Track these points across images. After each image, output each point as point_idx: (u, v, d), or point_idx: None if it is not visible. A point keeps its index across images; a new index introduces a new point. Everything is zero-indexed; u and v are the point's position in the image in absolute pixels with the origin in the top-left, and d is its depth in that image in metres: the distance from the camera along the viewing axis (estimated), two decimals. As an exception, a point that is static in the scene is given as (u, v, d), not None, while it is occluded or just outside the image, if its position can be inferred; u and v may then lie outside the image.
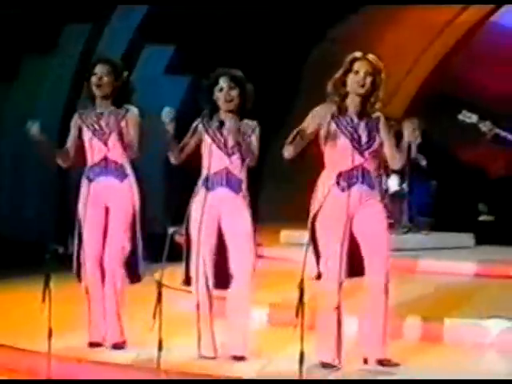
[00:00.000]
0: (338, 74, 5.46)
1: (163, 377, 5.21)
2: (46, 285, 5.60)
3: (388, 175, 9.69)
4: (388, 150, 5.51)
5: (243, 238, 5.64)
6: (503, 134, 8.83)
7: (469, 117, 8.66)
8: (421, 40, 12.92)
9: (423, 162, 10.16)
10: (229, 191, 5.73)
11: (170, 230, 12.16)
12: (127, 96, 6.12)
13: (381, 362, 5.41)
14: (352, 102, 5.46)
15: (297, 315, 4.86)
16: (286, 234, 9.79)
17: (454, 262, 8.85)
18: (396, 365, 5.42)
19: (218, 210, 5.69)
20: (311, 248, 5.50)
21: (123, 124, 6.07)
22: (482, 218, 11.08)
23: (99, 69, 6.05)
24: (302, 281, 4.92)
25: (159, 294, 5.31)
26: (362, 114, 5.48)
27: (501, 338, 6.27)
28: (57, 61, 12.51)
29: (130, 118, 6.06)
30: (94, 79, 6.04)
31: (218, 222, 5.69)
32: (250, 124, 5.77)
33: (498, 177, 10.96)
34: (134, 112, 6.08)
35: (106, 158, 6.07)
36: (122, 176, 6.07)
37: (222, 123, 5.71)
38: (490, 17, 13.05)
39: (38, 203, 12.37)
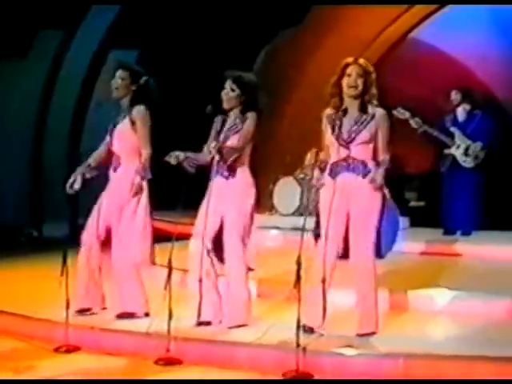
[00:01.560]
0: (333, 79, 5.57)
1: (172, 342, 5.31)
2: (64, 260, 5.71)
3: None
4: (379, 143, 5.57)
5: None
6: (430, 130, 9.25)
7: (402, 113, 9.06)
8: (353, 52, 13.03)
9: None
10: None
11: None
12: (143, 98, 6.12)
13: (372, 333, 5.52)
14: (350, 103, 5.55)
15: (295, 287, 5.15)
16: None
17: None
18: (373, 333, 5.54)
19: None
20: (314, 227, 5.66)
21: (126, 121, 6.11)
22: (412, 204, 11.43)
23: (118, 73, 6.13)
24: (299, 257, 5.19)
25: (170, 269, 5.51)
26: (359, 111, 5.55)
27: (447, 305, 6.49)
28: (30, 64, 12.50)
29: (134, 116, 6.10)
30: (112, 82, 6.14)
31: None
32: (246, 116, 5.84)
33: (426, 169, 11.25)
34: (137, 110, 6.10)
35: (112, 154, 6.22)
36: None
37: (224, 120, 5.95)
38: (411, 32, 13.32)
39: (13, 190, 12.36)
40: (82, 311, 6.06)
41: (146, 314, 6.04)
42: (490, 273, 7.60)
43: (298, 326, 5.05)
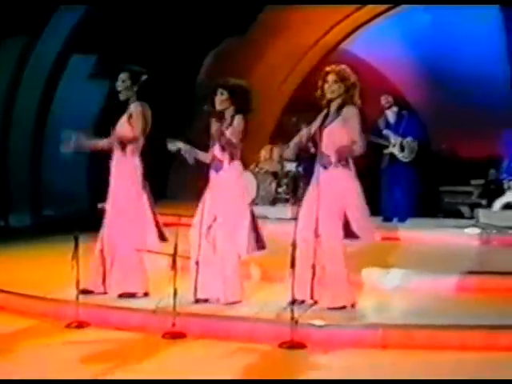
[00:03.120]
0: (319, 86, 5.76)
1: (177, 318, 5.35)
2: (76, 245, 5.71)
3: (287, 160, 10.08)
4: (351, 137, 5.71)
5: None
6: (371, 138, 9.43)
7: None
8: (293, 59, 13.23)
9: (312, 150, 10.44)
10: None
11: (99, 205, 12.17)
12: (145, 94, 6.14)
13: (343, 307, 5.70)
14: (332, 105, 5.74)
15: (291, 266, 5.29)
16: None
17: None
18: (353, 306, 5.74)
19: None
20: None
21: (125, 116, 6.11)
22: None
23: (119, 76, 6.12)
24: (294, 240, 5.34)
25: (175, 253, 5.57)
26: (336, 112, 5.73)
27: (399, 283, 6.69)
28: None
29: (131, 110, 6.10)
30: (116, 85, 6.12)
31: None
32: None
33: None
34: (133, 105, 6.09)
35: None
36: None
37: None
38: (342, 43, 13.59)
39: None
40: (86, 292, 6.04)
41: (146, 294, 6.07)
42: (428, 254, 7.87)
43: (293, 301, 5.18)
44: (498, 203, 9.42)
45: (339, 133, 5.72)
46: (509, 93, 14.25)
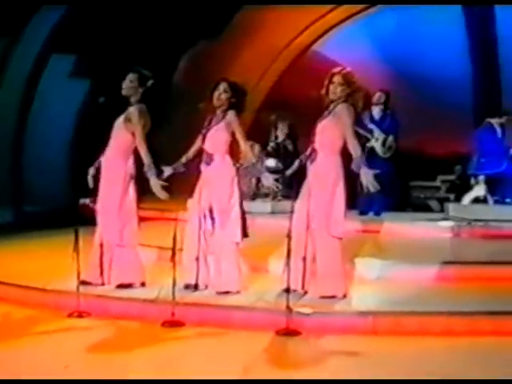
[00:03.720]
0: (324, 84, 5.79)
1: (176, 308, 5.37)
2: (76, 237, 5.71)
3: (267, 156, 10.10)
4: (342, 132, 5.74)
5: None
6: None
7: None
8: (266, 61, 13.30)
9: (290, 147, 10.47)
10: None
11: (81, 200, 12.08)
12: (149, 99, 6.14)
13: (333, 297, 5.74)
14: (329, 104, 5.79)
15: (287, 257, 5.34)
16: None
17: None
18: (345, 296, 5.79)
19: None
20: None
21: (121, 118, 6.12)
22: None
23: (128, 76, 6.10)
24: (289, 231, 5.39)
25: (174, 245, 5.57)
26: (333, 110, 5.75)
27: (381, 273, 6.73)
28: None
29: (130, 113, 6.08)
30: (123, 83, 6.10)
31: None
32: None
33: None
34: (132, 109, 6.08)
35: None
36: None
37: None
38: (313, 45, 13.68)
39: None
40: (85, 283, 6.01)
41: (143, 284, 6.08)
42: (406, 246, 7.95)
43: (288, 290, 5.23)
44: (468, 197, 9.57)
45: (331, 129, 5.77)
46: (471, 92, 14.54)
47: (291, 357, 4.96)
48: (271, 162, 9.88)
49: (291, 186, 10.38)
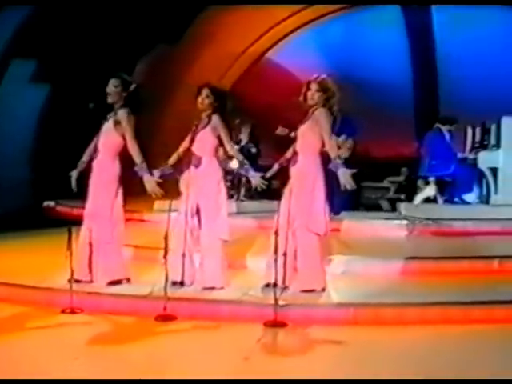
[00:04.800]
0: (302, 92, 5.95)
1: (168, 303, 5.44)
2: (69, 236, 5.75)
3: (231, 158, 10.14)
4: (321, 135, 5.96)
5: None
6: None
7: (283, 130, 9.52)
8: (223, 67, 13.40)
9: (253, 150, 10.66)
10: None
11: (45, 203, 11.97)
12: (133, 102, 6.20)
13: (312, 291, 5.94)
14: (308, 109, 5.99)
15: (275, 253, 5.50)
16: (158, 203, 9.65)
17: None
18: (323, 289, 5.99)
19: None
20: None
21: (110, 122, 6.18)
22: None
23: (111, 82, 6.16)
24: (276, 231, 5.55)
25: (166, 244, 5.67)
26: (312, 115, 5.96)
27: (349, 268, 6.97)
28: None
29: (119, 117, 6.16)
30: (107, 89, 6.14)
31: None
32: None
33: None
34: (121, 112, 6.15)
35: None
36: None
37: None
38: (267, 53, 13.88)
39: None
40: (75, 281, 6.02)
41: (128, 280, 6.20)
42: (367, 243, 8.17)
43: (275, 285, 5.41)
44: (419, 197, 9.91)
45: (310, 132, 5.97)
46: (412, 97, 14.99)
47: (281, 346, 5.14)
48: (235, 164, 9.99)
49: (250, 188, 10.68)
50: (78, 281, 6.02)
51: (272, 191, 10.84)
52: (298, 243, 5.95)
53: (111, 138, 6.20)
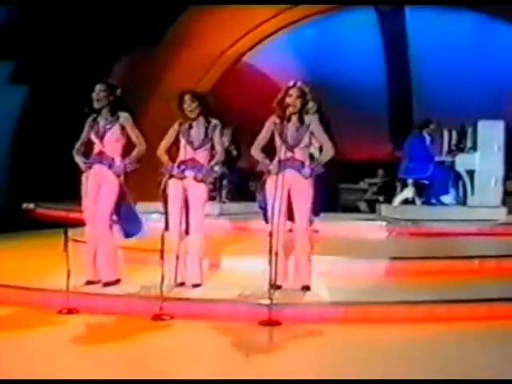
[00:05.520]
0: (279, 97, 6.07)
1: (164, 302, 5.59)
2: (65, 237, 5.85)
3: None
4: (322, 143, 6.25)
5: None
6: None
7: None
8: (200, 70, 13.48)
9: (234, 152, 10.79)
10: (193, 173, 6.30)
11: (24, 205, 11.99)
12: (121, 106, 6.33)
13: (306, 288, 6.15)
14: (291, 115, 6.11)
15: (270, 253, 5.66)
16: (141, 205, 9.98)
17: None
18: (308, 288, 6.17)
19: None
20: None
21: (116, 127, 6.27)
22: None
23: (97, 87, 6.25)
24: (271, 231, 5.71)
25: (162, 244, 5.81)
26: (298, 122, 6.14)
27: (332, 268, 7.05)
28: None
29: (123, 121, 6.29)
30: (93, 95, 6.24)
31: None
32: (213, 123, 6.34)
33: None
34: (124, 116, 6.29)
35: (100, 152, 6.33)
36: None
37: (190, 126, 6.33)
38: (244, 56, 14.02)
39: None
40: (91, 283, 6.23)
41: (118, 281, 6.34)
42: (349, 243, 8.39)
43: (271, 285, 5.57)
44: (398, 199, 10.15)
45: (307, 140, 6.19)
46: (386, 100, 15.25)
47: (276, 344, 5.29)
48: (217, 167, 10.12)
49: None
50: (91, 282, 6.19)
51: (251, 193, 11.09)
52: (298, 241, 6.17)
53: (117, 142, 6.32)
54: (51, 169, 11.59)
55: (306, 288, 6.17)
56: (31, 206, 11.11)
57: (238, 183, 10.92)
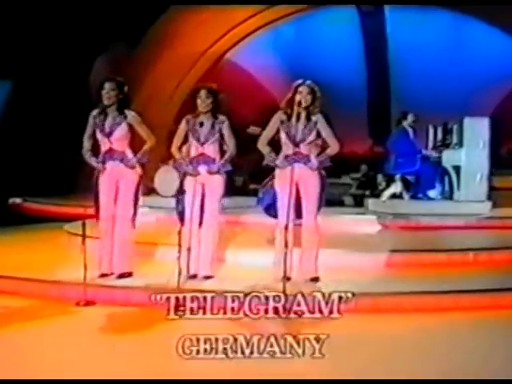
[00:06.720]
0: (289, 95, 6.23)
1: (180, 294, 5.46)
2: (83, 231, 5.97)
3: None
4: (327, 139, 6.37)
5: None
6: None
7: (254, 130, 9.75)
8: (183, 68, 13.53)
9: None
10: (206, 167, 6.40)
11: (11, 200, 12.00)
12: (127, 103, 6.44)
13: (315, 279, 6.32)
14: (299, 112, 6.24)
15: (286, 246, 5.80)
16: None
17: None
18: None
19: None
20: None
21: (124, 125, 6.37)
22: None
23: (107, 85, 6.32)
24: (286, 224, 5.85)
25: (179, 238, 5.91)
26: (306, 119, 6.28)
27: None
28: None
29: (130, 119, 6.40)
30: (103, 93, 6.32)
31: None
32: (220, 119, 6.43)
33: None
34: (132, 115, 6.41)
35: (110, 149, 6.42)
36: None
37: (198, 122, 6.41)
38: (226, 54, 14.11)
39: None
40: (104, 275, 6.35)
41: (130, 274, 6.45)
42: (342, 237, 8.34)
43: (285, 277, 5.71)
44: (387, 193, 10.36)
45: (314, 136, 6.31)
46: (365, 96, 15.49)
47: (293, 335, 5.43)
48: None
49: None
50: (105, 275, 6.29)
51: (236, 188, 11.21)
52: (306, 234, 6.36)
53: (125, 140, 6.44)
54: (38, 164, 11.60)
55: (315, 279, 6.31)
56: (18, 200, 11.10)
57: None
